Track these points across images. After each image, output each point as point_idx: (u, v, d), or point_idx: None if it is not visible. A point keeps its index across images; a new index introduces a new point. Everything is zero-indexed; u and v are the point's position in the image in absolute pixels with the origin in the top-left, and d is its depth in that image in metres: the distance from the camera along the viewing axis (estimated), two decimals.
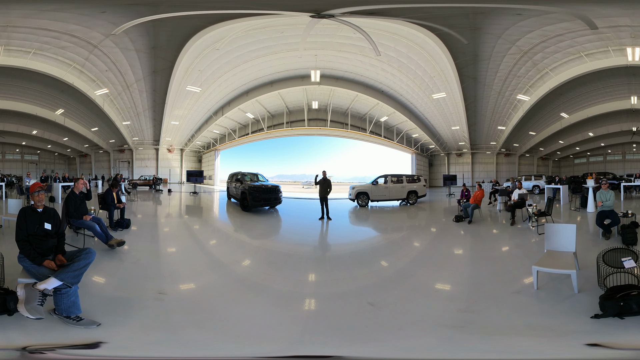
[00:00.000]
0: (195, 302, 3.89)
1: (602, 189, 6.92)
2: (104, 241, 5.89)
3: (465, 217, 9.25)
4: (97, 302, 3.68)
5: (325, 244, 7.59)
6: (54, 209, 3.98)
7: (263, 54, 16.02)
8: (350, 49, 15.62)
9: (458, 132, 22.13)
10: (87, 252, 3.62)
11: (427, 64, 16.01)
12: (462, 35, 12.43)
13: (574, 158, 26.63)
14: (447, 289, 4.52)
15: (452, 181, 20.11)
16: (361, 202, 13.81)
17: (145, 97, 18.64)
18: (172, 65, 15.52)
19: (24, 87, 16.28)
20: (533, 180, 19.71)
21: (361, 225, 10.40)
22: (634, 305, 3.25)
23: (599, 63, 13.38)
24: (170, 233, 8.11)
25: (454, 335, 3.17)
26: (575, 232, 4.57)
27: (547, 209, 8.25)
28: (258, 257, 6.11)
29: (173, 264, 5.50)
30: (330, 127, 22.43)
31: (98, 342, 2.98)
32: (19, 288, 3.42)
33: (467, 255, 6.49)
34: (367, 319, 3.51)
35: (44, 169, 25.75)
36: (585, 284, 4.11)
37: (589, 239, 6.73)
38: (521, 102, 17.64)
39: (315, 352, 2.97)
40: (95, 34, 12.85)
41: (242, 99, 21.07)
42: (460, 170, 24.07)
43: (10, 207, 7.16)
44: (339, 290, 4.41)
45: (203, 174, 22.29)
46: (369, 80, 19.11)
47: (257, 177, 13.40)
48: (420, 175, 16.18)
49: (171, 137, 23.66)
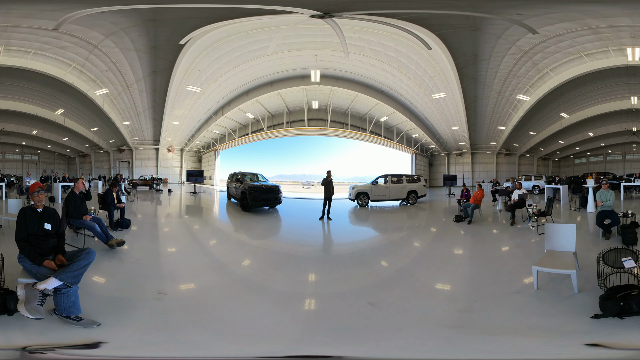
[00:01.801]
0: (195, 302, 3.89)
1: (602, 189, 6.92)
2: (104, 241, 5.89)
3: (465, 217, 9.25)
4: (97, 302, 3.68)
5: (326, 244, 7.59)
6: (54, 209, 3.98)
7: (263, 54, 16.02)
8: (351, 49, 15.58)
9: (458, 132, 22.13)
10: (87, 252, 3.62)
11: (427, 64, 16.00)
12: (462, 35, 12.44)
13: (574, 158, 26.62)
14: (447, 289, 4.52)
15: (452, 181, 20.11)
16: (361, 202, 13.81)
17: (145, 97, 18.63)
18: (172, 65, 15.51)
19: (24, 87, 16.26)
20: (533, 180, 19.72)
21: (361, 225, 10.39)
22: (634, 305, 3.25)
23: (599, 63, 13.37)
24: (170, 233, 8.11)
25: (454, 335, 3.17)
26: (575, 232, 4.57)
27: (547, 209, 8.25)
28: (258, 257, 6.11)
29: (173, 264, 5.50)
30: (330, 127, 22.42)
31: (98, 342, 2.98)
32: (19, 288, 3.42)
33: (467, 255, 6.49)
34: (367, 319, 3.51)
35: (44, 169, 25.71)
36: (585, 284, 4.11)
37: (589, 239, 6.73)
38: (521, 102, 17.64)
39: (315, 352, 2.96)
40: (95, 34, 12.85)
41: (242, 99, 21.06)
42: (460, 170, 24.07)
43: (10, 207, 7.15)
44: (339, 290, 4.41)
45: (203, 174, 22.28)
46: (369, 80, 19.11)
47: (257, 177, 13.40)
48: (420, 175, 16.18)
49: (171, 137, 23.65)
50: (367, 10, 10.00)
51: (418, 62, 15.98)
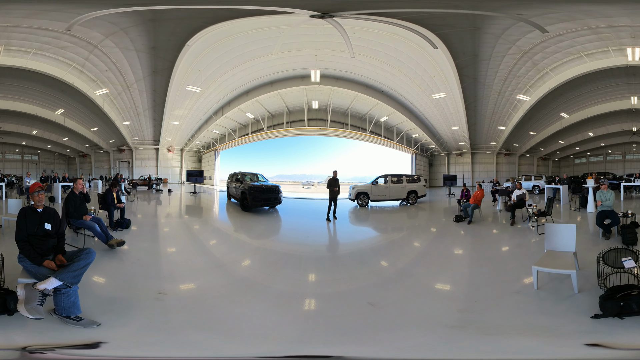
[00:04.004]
0: (195, 302, 3.89)
1: (602, 189, 6.92)
2: (104, 241, 5.89)
3: (465, 217, 9.25)
4: (97, 302, 3.68)
5: (326, 244, 7.59)
6: (54, 209, 3.98)
7: (263, 54, 16.02)
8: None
9: (458, 132, 22.14)
10: (87, 252, 3.61)
11: (427, 64, 16.00)
12: (462, 35, 12.44)
13: (574, 158, 26.63)
14: (447, 288, 4.52)
15: (452, 181, 20.12)
16: (361, 202, 13.81)
17: (145, 97, 18.64)
18: (172, 65, 15.52)
19: (24, 87, 16.28)
20: (533, 180, 19.72)
21: (361, 225, 10.39)
22: (634, 305, 3.25)
23: (599, 63, 13.37)
24: (170, 233, 8.11)
25: (454, 335, 3.16)
26: (575, 232, 4.57)
27: (547, 209, 8.25)
28: (258, 257, 6.11)
29: (173, 264, 5.50)
30: (330, 127, 22.43)
31: (98, 342, 2.98)
32: (19, 288, 3.42)
33: (467, 255, 6.49)
34: (367, 319, 3.51)
35: (44, 169, 25.71)
36: (585, 284, 4.11)
37: (589, 239, 6.72)
38: (521, 102, 17.64)
39: (315, 352, 2.96)
40: (95, 34, 12.85)
41: (242, 99, 21.07)
42: (460, 170, 24.07)
43: (10, 207, 7.15)
44: (339, 290, 4.41)
45: (203, 174, 22.28)
46: (369, 80, 19.11)
47: (257, 177, 13.40)
48: (420, 175, 16.18)
49: (171, 137, 23.66)
50: (367, 9, 10.00)
51: (418, 62, 15.98)
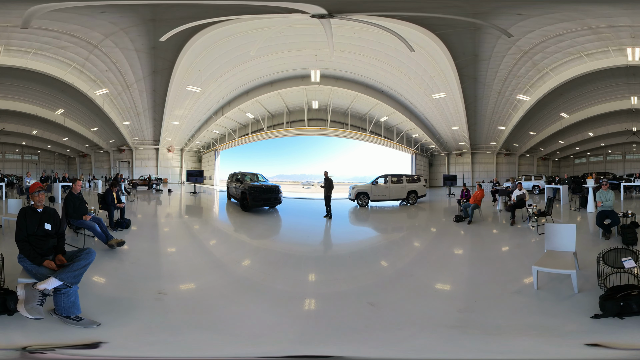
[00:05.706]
0: (195, 302, 3.89)
1: (602, 189, 6.92)
2: (104, 241, 5.89)
3: (465, 217, 9.25)
4: (97, 302, 3.68)
5: (325, 244, 7.59)
6: (54, 209, 3.98)
7: (263, 54, 16.01)
8: (351, 49, 15.61)
9: (458, 132, 22.13)
10: (87, 252, 3.62)
11: (427, 64, 16.00)
12: (462, 35, 12.44)
13: (574, 158, 26.61)
14: (447, 288, 4.52)
15: (452, 181, 20.11)
16: (361, 202, 13.81)
17: (145, 97, 18.63)
18: (172, 65, 15.51)
19: (24, 87, 16.26)
20: (533, 180, 19.72)
21: (361, 225, 10.40)
22: (634, 305, 3.25)
23: (599, 63, 13.37)
24: (170, 233, 8.11)
25: (454, 335, 3.17)
26: (575, 232, 4.57)
27: (547, 209, 8.25)
28: (258, 257, 6.11)
29: (173, 264, 5.50)
30: (330, 127, 22.42)
31: (98, 342, 2.98)
32: (19, 288, 3.42)
33: (467, 255, 6.49)
34: (367, 319, 3.51)
35: (44, 169, 25.70)
36: (585, 284, 4.11)
37: (589, 239, 6.72)
38: (521, 102, 17.63)
39: (315, 352, 2.96)
40: (95, 34, 12.84)
41: (242, 99, 21.06)
42: (460, 170, 24.06)
43: (10, 207, 7.15)
44: (339, 290, 4.41)
45: (203, 174, 22.28)
46: (369, 80, 19.10)
47: (257, 177, 13.40)
48: (420, 175, 16.18)
49: (171, 137, 23.65)
50: (367, 11, 10.03)
51: (418, 62, 15.97)
